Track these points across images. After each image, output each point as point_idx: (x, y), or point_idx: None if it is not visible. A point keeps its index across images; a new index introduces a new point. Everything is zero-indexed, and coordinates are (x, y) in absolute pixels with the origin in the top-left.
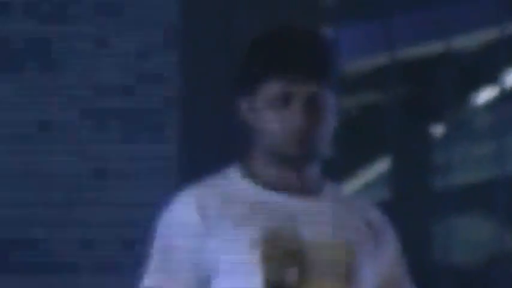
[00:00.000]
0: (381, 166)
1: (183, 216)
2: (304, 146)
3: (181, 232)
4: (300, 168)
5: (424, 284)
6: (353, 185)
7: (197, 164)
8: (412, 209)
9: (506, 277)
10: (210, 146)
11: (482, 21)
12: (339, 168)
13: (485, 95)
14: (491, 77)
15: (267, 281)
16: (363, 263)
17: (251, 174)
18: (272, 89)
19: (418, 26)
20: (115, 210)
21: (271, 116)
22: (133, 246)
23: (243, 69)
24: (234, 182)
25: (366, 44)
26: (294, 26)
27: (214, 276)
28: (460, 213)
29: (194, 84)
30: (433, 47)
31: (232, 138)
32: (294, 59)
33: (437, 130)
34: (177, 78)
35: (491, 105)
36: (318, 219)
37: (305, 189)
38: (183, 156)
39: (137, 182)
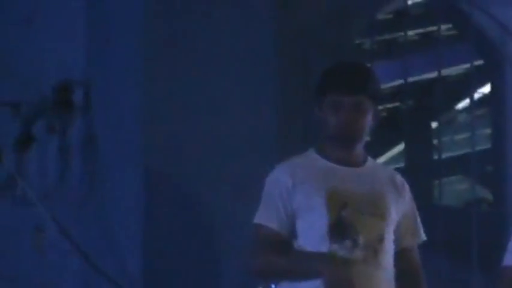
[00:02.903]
0: (400, 147)
1: (280, 178)
2: (350, 135)
3: (278, 188)
4: (350, 149)
5: (426, 219)
6: (384, 159)
7: (292, 147)
8: (419, 174)
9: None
10: (299, 136)
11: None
12: (374, 149)
13: (463, 104)
14: (466, 92)
15: (330, 218)
16: (391, 207)
17: (321, 153)
18: (330, 99)
19: (420, 63)
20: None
21: (330, 116)
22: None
23: (316, 88)
24: (310, 158)
25: (391, 74)
26: (348, 61)
27: (298, 217)
28: (449, 176)
29: (290, 99)
30: (429, 76)
31: (312, 132)
32: (343, 81)
33: (434, 126)
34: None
35: (467, 110)
36: (363, 180)
37: (354, 162)
38: (283, 142)
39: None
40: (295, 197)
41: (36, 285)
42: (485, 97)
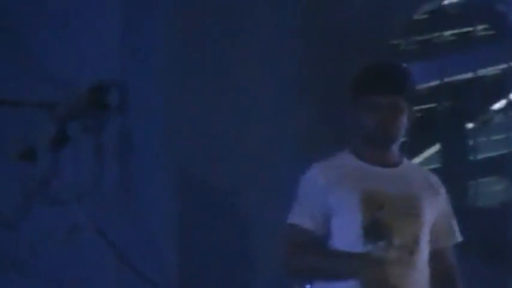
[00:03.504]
0: (436, 148)
1: (314, 178)
2: (386, 136)
3: (313, 188)
4: (385, 149)
5: (461, 220)
6: (420, 159)
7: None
8: (455, 175)
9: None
10: (331, 137)
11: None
12: (410, 149)
13: (499, 104)
14: (502, 93)
15: (364, 218)
16: (426, 208)
17: (356, 153)
18: (366, 99)
19: (456, 63)
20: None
21: (366, 117)
22: None
23: (352, 88)
24: (345, 158)
25: (427, 74)
26: (384, 62)
27: (332, 217)
28: (484, 177)
29: (324, 100)
30: (465, 76)
31: (346, 132)
32: (379, 81)
33: (470, 126)
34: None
35: (503, 111)
36: (398, 180)
37: (390, 162)
38: (315, 144)
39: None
40: (330, 197)
41: (71, 284)
42: None
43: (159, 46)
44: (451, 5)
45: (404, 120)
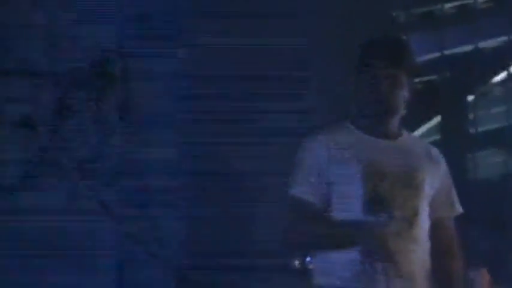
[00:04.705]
0: (436, 121)
1: (315, 149)
2: (385, 108)
3: (312, 159)
4: (385, 122)
5: (461, 192)
6: (420, 132)
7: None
8: (455, 147)
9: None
10: (335, 110)
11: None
12: (410, 122)
13: (499, 77)
14: (503, 65)
15: (365, 190)
16: (426, 180)
17: (356, 125)
18: (366, 72)
19: (456, 35)
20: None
21: (366, 89)
22: None
23: (353, 61)
24: (345, 129)
25: (427, 46)
26: (384, 35)
27: (333, 189)
28: (483, 148)
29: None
30: (466, 49)
31: (347, 104)
32: (378, 54)
33: (470, 99)
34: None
35: (503, 83)
36: (398, 152)
37: (390, 135)
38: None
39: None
40: (331, 169)
41: (72, 252)
42: None
43: (163, 15)
44: None
45: (403, 93)
